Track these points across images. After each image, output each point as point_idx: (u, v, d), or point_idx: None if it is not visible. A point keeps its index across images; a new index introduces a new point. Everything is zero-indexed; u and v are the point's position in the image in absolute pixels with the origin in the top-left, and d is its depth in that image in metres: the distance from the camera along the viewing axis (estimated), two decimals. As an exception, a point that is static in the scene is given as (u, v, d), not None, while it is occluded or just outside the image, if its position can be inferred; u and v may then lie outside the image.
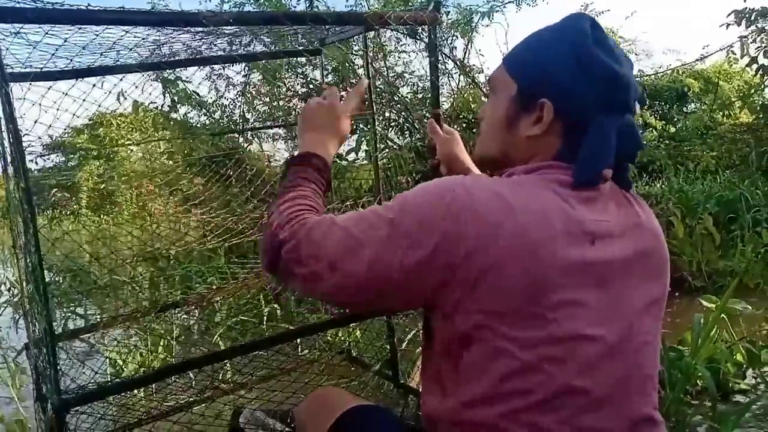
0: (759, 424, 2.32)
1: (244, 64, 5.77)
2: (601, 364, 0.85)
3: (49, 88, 1.56)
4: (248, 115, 6.06)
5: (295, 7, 6.02)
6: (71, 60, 1.71)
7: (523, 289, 0.81)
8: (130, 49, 1.71)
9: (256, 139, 6.06)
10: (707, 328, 2.49)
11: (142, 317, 2.31)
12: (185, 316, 3.71)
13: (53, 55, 1.52)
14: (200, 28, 1.44)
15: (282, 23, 1.50)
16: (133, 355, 2.99)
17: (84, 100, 1.66)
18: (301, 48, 2.24)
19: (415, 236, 0.84)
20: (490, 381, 0.84)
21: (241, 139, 5.99)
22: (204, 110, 5.84)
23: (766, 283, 4.27)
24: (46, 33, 1.33)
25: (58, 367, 1.34)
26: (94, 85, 1.73)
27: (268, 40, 1.88)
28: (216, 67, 5.86)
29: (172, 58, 1.96)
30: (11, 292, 5.11)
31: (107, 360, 2.88)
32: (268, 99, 6.18)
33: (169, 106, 5.14)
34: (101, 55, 1.70)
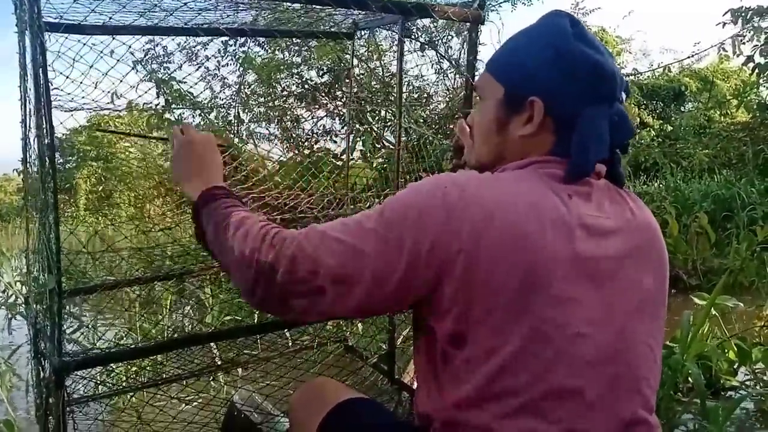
0: (749, 421, 2.32)
1: (238, 65, 5.78)
2: (593, 364, 0.83)
3: (84, 44, 1.54)
4: (243, 116, 6.06)
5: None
6: (108, 18, 1.68)
7: (513, 284, 0.80)
8: (170, 12, 1.68)
9: (251, 139, 6.06)
10: (697, 324, 2.48)
11: (144, 284, 2.30)
12: (177, 315, 3.71)
13: (92, 10, 1.51)
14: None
15: (325, 3, 1.48)
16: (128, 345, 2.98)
17: (118, 61, 1.60)
18: (333, 30, 2.22)
19: (413, 238, 0.82)
20: (481, 381, 0.83)
21: (236, 140, 5.99)
22: (199, 111, 5.84)
23: (761, 281, 4.27)
24: None
25: (63, 328, 1.33)
26: (129, 47, 1.66)
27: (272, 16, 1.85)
28: (211, 67, 5.86)
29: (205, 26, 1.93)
30: (6, 293, 5.09)
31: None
32: (263, 99, 6.18)
33: (163, 107, 5.14)
34: (141, 16, 1.69)
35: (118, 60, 1.61)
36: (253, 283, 0.87)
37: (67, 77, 1.50)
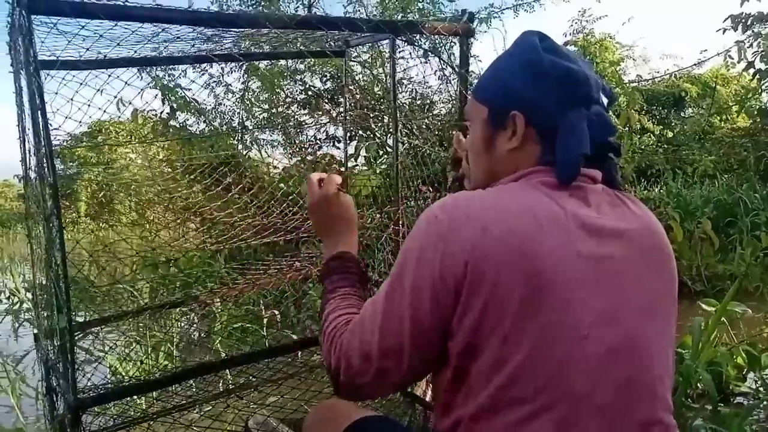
0: (762, 427, 2.32)
1: (242, 71, 5.79)
2: (604, 367, 0.83)
3: (81, 84, 1.57)
4: (247, 122, 6.07)
5: (296, 10, 6.02)
6: (103, 54, 1.71)
7: (520, 291, 0.81)
8: (162, 47, 1.72)
9: (255, 145, 6.07)
10: (708, 331, 2.49)
11: (153, 313, 2.31)
12: (185, 325, 3.72)
13: (87, 49, 1.54)
14: (234, 29, 1.46)
15: (315, 27, 1.50)
16: (134, 363, 2.98)
17: (116, 97, 1.65)
18: (326, 48, 2.25)
19: (424, 278, 0.86)
20: (494, 390, 0.83)
21: (240, 146, 5.99)
22: (203, 117, 5.85)
23: (766, 287, 4.28)
24: (82, 27, 1.36)
25: (75, 366, 1.34)
26: (126, 83, 1.69)
27: (278, 38, 1.87)
28: (215, 74, 5.88)
29: (195, 53, 1.95)
30: (11, 300, 5.09)
31: (108, 366, 2.87)
32: (266, 106, 6.19)
33: (167, 113, 5.15)
34: (134, 51, 1.72)
35: (115, 96, 1.63)
36: (331, 379, 0.98)
37: (66, 117, 1.51)
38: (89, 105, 1.54)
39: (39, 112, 1.27)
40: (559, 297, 0.82)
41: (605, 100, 0.97)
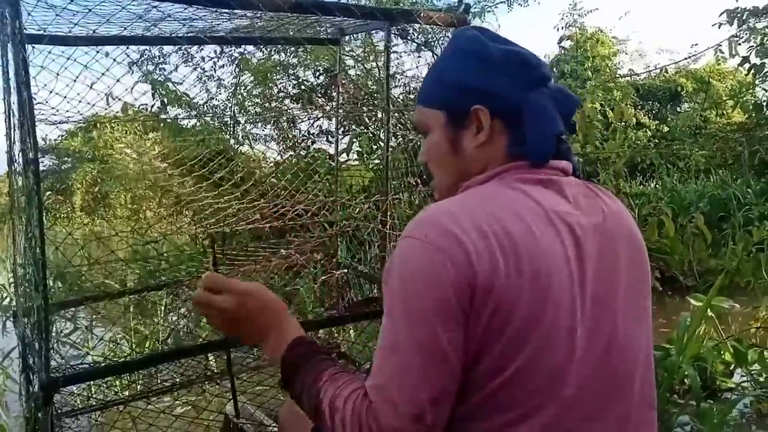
0: (745, 422, 2.32)
1: (234, 65, 5.77)
2: (592, 365, 0.84)
3: (67, 58, 1.57)
4: (239, 117, 6.04)
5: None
6: (92, 30, 1.70)
7: (524, 297, 0.79)
8: (153, 24, 1.71)
9: (247, 140, 6.05)
10: (693, 326, 2.48)
11: (133, 296, 2.31)
12: (173, 317, 3.70)
13: (76, 24, 1.53)
14: (225, 10, 1.45)
15: (309, 12, 1.49)
16: (119, 357, 2.96)
17: (103, 73, 1.62)
18: (320, 36, 2.24)
19: (435, 301, 0.80)
20: (483, 396, 0.82)
21: (232, 141, 5.97)
22: (194, 112, 5.82)
23: (757, 282, 4.27)
24: (71, 1, 1.35)
25: (50, 344, 1.33)
26: (114, 60, 1.68)
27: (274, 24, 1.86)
28: (207, 68, 5.86)
29: (190, 34, 1.94)
30: (1, 295, 5.07)
31: (101, 354, 2.85)
32: (259, 100, 6.17)
33: (158, 107, 5.12)
34: (124, 28, 1.72)
35: (103, 73, 1.61)
36: None
37: (51, 91, 1.50)
38: (75, 81, 1.52)
39: (23, 85, 1.25)
40: (556, 298, 0.81)
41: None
